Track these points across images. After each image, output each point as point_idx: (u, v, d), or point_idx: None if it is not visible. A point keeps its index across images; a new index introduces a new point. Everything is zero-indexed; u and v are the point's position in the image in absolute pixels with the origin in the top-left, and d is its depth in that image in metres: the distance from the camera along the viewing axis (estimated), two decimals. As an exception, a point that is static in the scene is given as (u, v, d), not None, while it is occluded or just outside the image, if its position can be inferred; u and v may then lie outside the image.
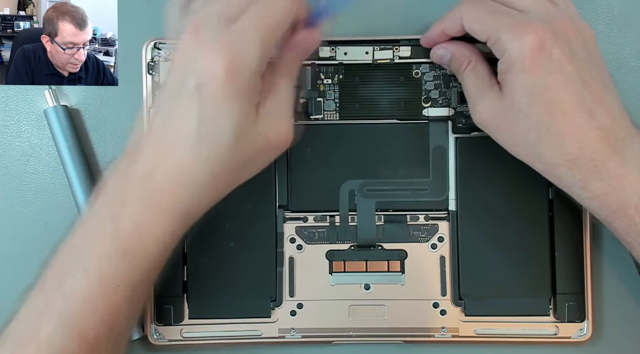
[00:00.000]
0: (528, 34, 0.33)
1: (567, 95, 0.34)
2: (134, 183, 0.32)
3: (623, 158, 0.34)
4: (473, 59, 0.37)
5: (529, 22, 0.34)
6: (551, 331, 0.40)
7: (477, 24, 0.35)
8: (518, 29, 0.34)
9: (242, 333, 0.40)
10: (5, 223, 0.42)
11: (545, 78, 0.33)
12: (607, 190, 0.34)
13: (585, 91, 0.34)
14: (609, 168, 0.34)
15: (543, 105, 0.34)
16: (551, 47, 0.33)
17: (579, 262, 0.40)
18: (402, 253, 0.41)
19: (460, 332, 0.40)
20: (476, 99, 0.37)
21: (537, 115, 0.34)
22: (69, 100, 0.43)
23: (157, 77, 0.41)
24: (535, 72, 0.33)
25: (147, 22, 0.43)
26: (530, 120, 0.34)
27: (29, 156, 0.43)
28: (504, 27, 0.34)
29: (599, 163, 0.34)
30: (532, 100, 0.34)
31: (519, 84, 0.34)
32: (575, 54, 0.34)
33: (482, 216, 0.41)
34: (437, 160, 0.41)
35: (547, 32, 0.33)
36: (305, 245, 0.41)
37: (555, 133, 0.34)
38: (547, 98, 0.34)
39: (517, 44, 0.33)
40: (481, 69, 0.37)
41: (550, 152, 0.35)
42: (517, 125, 0.35)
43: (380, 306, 0.40)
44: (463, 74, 0.38)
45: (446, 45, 0.38)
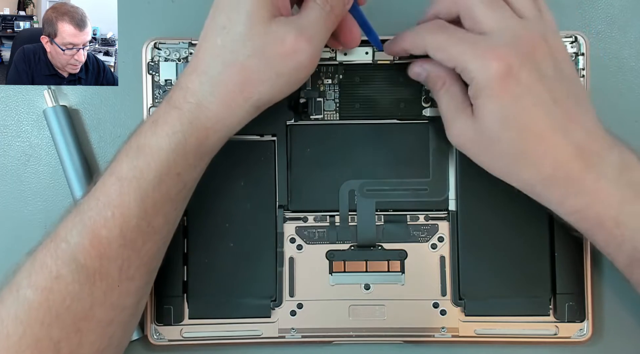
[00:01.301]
0: (493, 61, 0.33)
1: (538, 117, 0.34)
2: (176, 86, 0.35)
3: (599, 172, 0.34)
4: (447, 81, 0.37)
5: (493, 48, 0.33)
6: (551, 331, 0.40)
7: (441, 54, 0.35)
8: (482, 56, 0.33)
9: (242, 333, 0.40)
10: (5, 223, 0.42)
11: (515, 103, 0.33)
12: (585, 204, 0.34)
13: (556, 110, 0.34)
14: (584, 183, 0.34)
15: (515, 129, 0.34)
16: (518, 71, 0.33)
17: (579, 262, 0.40)
18: (402, 253, 0.41)
19: (460, 332, 0.40)
20: (451, 121, 0.37)
21: (510, 138, 0.34)
22: (68, 100, 0.43)
23: (157, 77, 0.41)
24: (504, 98, 0.33)
25: (147, 22, 0.43)
26: (503, 143, 0.34)
27: (29, 156, 0.43)
28: (469, 56, 0.34)
29: (574, 180, 0.34)
30: (504, 125, 0.34)
31: (489, 110, 0.34)
32: (543, 73, 0.34)
33: (482, 216, 0.41)
34: (437, 160, 0.41)
35: (512, 56, 0.33)
36: (305, 245, 0.41)
37: (529, 155, 0.34)
38: (518, 122, 0.34)
39: (483, 72, 0.33)
40: (455, 91, 0.36)
41: (526, 172, 0.35)
42: (491, 148, 0.35)
43: (380, 306, 0.40)
44: (438, 94, 0.37)
45: (422, 63, 0.38)
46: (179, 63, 0.41)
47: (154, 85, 0.41)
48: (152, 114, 0.35)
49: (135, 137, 0.34)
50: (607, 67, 0.43)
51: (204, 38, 0.34)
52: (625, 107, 0.43)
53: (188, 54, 0.41)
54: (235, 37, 0.33)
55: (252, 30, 0.33)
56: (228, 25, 0.33)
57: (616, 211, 0.34)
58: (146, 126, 0.34)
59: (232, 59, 0.33)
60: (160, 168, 0.33)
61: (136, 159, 0.33)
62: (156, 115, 0.34)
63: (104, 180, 0.34)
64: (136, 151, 0.33)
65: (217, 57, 0.33)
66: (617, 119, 0.36)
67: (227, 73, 0.33)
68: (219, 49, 0.33)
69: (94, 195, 0.34)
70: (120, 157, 0.34)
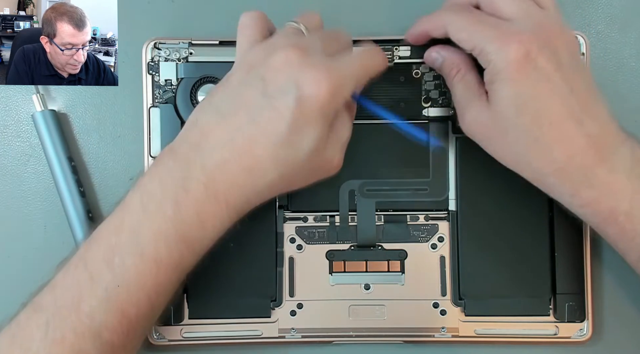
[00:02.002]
0: (512, 44, 0.33)
1: (554, 104, 0.34)
2: (199, 170, 0.33)
3: (612, 164, 0.34)
4: (462, 68, 0.37)
5: (513, 32, 0.34)
6: (551, 331, 0.40)
7: (462, 33, 0.35)
8: (502, 39, 0.33)
9: (242, 333, 0.40)
10: (5, 223, 0.42)
11: (531, 88, 0.33)
12: (597, 197, 0.34)
13: (572, 99, 0.34)
14: (598, 175, 0.34)
15: (530, 115, 0.34)
16: (536, 56, 0.33)
17: (578, 262, 0.40)
18: (402, 253, 0.41)
19: (460, 332, 0.40)
20: (464, 108, 0.36)
21: (525, 124, 0.34)
22: (68, 101, 0.43)
23: (157, 77, 0.41)
24: (521, 82, 0.33)
25: (147, 22, 0.43)
26: (517, 129, 0.34)
27: (29, 156, 0.43)
28: (489, 38, 0.34)
29: (588, 171, 0.34)
30: (519, 110, 0.34)
31: (505, 94, 0.34)
32: (561, 62, 0.34)
33: (482, 216, 0.41)
34: (437, 160, 0.41)
35: (532, 41, 0.33)
36: (305, 245, 0.41)
37: (543, 142, 0.34)
38: (534, 107, 0.34)
39: (501, 55, 0.33)
40: (470, 78, 0.36)
41: (539, 161, 0.35)
42: (505, 135, 0.35)
43: (380, 306, 0.40)
44: (452, 82, 0.37)
45: (439, 49, 0.38)
46: (178, 64, 0.41)
47: (154, 85, 0.41)
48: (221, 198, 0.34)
49: (177, 223, 0.33)
50: (607, 67, 0.43)
51: (263, 140, 0.33)
52: (625, 107, 0.43)
53: (188, 54, 0.41)
54: (296, 162, 0.33)
55: (311, 161, 0.34)
56: (291, 150, 0.33)
57: (629, 205, 0.34)
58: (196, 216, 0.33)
59: (287, 174, 0.34)
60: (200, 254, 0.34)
61: (179, 250, 0.33)
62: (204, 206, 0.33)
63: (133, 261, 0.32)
64: (182, 242, 0.33)
65: (276, 168, 0.33)
66: (617, 119, 0.36)
67: (277, 185, 0.34)
68: (281, 161, 0.33)
69: (123, 276, 0.32)
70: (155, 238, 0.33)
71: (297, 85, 0.32)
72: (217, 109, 0.34)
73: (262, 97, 0.33)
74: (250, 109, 0.33)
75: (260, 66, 0.33)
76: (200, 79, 0.40)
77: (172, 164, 0.33)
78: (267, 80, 0.33)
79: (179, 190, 0.33)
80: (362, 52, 0.36)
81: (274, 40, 0.35)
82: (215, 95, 0.35)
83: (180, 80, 0.41)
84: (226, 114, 0.33)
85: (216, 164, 0.33)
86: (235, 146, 0.33)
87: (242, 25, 0.36)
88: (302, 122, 0.32)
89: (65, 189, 0.41)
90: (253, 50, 0.35)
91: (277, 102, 0.32)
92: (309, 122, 0.32)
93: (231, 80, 0.35)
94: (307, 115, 0.32)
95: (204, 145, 0.33)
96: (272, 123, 0.32)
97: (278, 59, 0.33)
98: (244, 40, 0.36)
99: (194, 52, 0.41)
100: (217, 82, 0.40)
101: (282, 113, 0.32)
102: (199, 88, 0.40)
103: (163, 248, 0.33)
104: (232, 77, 0.35)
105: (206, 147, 0.33)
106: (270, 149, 0.33)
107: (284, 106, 0.32)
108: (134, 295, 0.32)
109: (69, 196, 0.41)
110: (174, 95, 0.41)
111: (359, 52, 0.36)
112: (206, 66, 0.41)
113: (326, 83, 0.32)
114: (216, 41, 0.41)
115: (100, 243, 0.33)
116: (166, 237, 0.33)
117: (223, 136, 0.33)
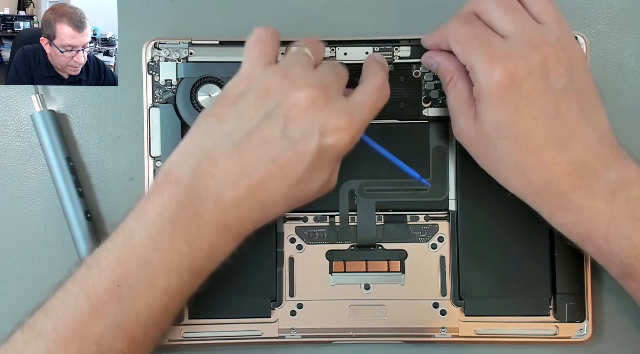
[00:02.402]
0: (498, 68, 0.33)
1: (535, 130, 0.33)
2: (212, 204, 0.33)
3: (591, 191, 0.34)
4: (455, 76, 0.36)
5: (502, 54, 0.33)
6: (551, 331, 0.40)
7: (457, 47, 0.35)
8: (490, 61, 0.33)
9: (242, 333, 0.40)
10: (5, 223, 0.42)
11: (513, 114, 0.33)
12: (573, 220, 0.35)
13: (558, 124, 0.34)
14: (574, 201, 0.34)
15: (510, 139, 0.34)
16: (521, 81, 0.33)
17: (578, 262, 0.40)
18: (402, 253, 0.41)
19: (460, 332, 0.40)
20: (455, 116, 0.37)
21: (504, 147, 0.34)
22: (68, 101, 0.43)
23: (157, 77, 0.41)
24: (502, 108, 0.33)
25: (147, 22, 0.43)
26: (498, 151, 0.34)
27: (29, 156, 0.43)
28: (479, 56, 0.34)
29: (564, 197, 0.34)
30: (499, 133, 0.34)
31: (487, 116, 0.34)
32: (551, 84, 0.33)
33: (482, 216, 0.41)
34: (437, 160, 0.41)
35: (519, 66, 0.33)
36: (305, 245, 0.41)
37: (521, 166, 0.34)
38: (514, 132, 0.34)
39: (487, 77, 0.33)
40: (462, 87, 0.36)
41: (517, 183, 0.35)
42: (487, 153, 0.35)
43: (380, 306, 0.40)
44: (447, 88, 0.37)
45: (434, 55, 0.38)
46: (178, 64, 0.41)
47: (154, 85, 0.41)
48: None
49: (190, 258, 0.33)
50: (607, 67, 0.43)
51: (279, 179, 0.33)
52: (625, 107, 0.43)
53: (188, 54, 0.41)
54: (306, 196, 0.35)
55: (318, 193, 0.35)
56: (304, 186, 0.34)
57: (605, 229, 0.34)
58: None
59: (294, 205, 0.35)
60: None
61: (190, 279, 0.34)
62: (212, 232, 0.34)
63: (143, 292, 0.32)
64: (194, 273, 0.34)
65: (286, 202, 0.34)
66: (617, 119, 0.36)
67: (283, 213, 0.36)
68: (292, 197, 0.34)
69: (132, 306, 0.32)
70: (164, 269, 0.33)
71: (320, 132, 0.32)
72: (231, 140, 0.33)
73: (282, 137, 0.33)
74: (269, 148, 0.33)
75: (280, 99, 0.33)
76: (200, 79, 0.40)
77: (180, 196, 0.33)
78: (289, 120, 0.33)
79: (192, 226, 0.33)
80: (374, 89, 0.36)
81: (291, 68, 0.34)
82: (226, 120, 0.34)
83: (180, 80, 0.41)
84: (243, 149, 0.33)
85: (231, 200, 0.33)
86: (251, 182, 0.33)
87: (258, 40, 0.35)
88: (319, 165, 0.33)
89: (64, 189, 0.41)
90: (269, 73, 0.34)
91: (299, 146, 0.32)
92: (325, 164, 0.34)
93: (243, 102, 0.34)
94: (326, 159, 0.33)
95: (216, 177, 0.33)
96: (291, 164, 0.33)
97: (301, 98, 0.33)
98: (257, 55, 0.35)
99: (194, 52, 0.41)
100: (217, 81, 0.40)
101: (303, 156, 0.33)
102: (199, 88, 0.40)
103: (174, 279, 0.33)
104: (244, 98, 0.34)
105: (218, 179, 0.33)
106: (285, 187, 0.33)
107: (306, 150, 0.33)
108: (142, 321, 0.33)
109: (68, 197, 0.41)
110: (174, 95, 0.41)
111: (372, 88, 0.36)
112: (206, 66, 0.40)
113: (348, 132, 0.33)
114: (216, 41, 0.41)
115: (102, 274, 0.32)
116: (178, 270, 0.33)
117: (238, 170, 0.33)
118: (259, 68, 0.35)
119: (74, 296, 0.32)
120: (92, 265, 0.33)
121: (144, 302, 0.32)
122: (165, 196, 0.33)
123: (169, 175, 0.33)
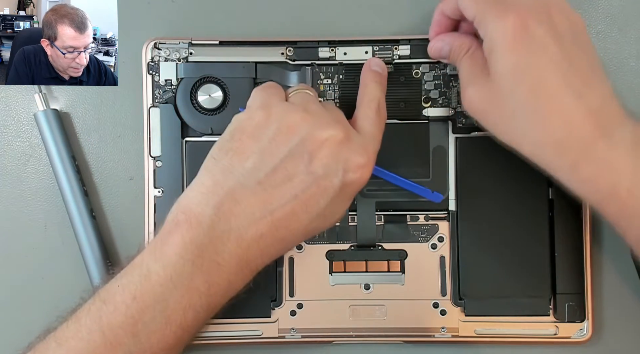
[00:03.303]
0: (510, 13, 0.33)
1: (552, 75, 0.33)
2: (234, 243, 0.33)
3: (613, 140, 0.33)
4: (473, 45, 0.37)
5: (514, 4, 0.34)
6: (551, 331, 0.40)
7: (467, 1, 0.35)
8: (502, 9, 0.34)
9: (242, 333, 0.40)
10: (5, 223, 0.42)
11: (529, 57, 0.33)
12: (598, 172, 0.33)
13: (571, 72, 0.33)
14: (597, 149, 0.33)
15: (527, 85, 0.33)
16: (535, 27, 0.33)
17: (578, 262, 0.40)
18: (402, 253, 0.41)
19: (460, 332, 0.40)
20: (468, 83, 0.36)
21: (522, 95, 0.33)
22: (68, 101, 0.43)
23: (157, 77, 0.41)
24: (517, 51, 0.33)
25: (147, 22, 0.43)
26: (515, 100, 0.34)
27: (29, 156, 0.43)
28: (489, 7, 0.34)
29: (587, 144, 0.33)
30: (516, 80, 0.33)
31: (502, 64, 0.34)
32: (561, 36, 0.34)
33: (482, 216, 0.41)
34: (437, 160, 0.41)
35: (531, 13, 0.33)
36: (305, 245, 0.41)
37: (541, 113, 0.33)
38: (531, 77, 0.33)
39: (499, 23, 0.33)
40: (479, 55, 0.36)
41: (537, 132, 0.34)
42: (503, 107, 0.34)
43: (380, 306, 0.40)
44: (462, 60, 0.37)
45: (443, 37, 0.38)
46: (178, 64, 0.41)
47: (154, 85, 0.41)
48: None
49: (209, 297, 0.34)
50: (607, 67, 0.43)
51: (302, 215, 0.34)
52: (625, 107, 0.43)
53: (188, 54, 0.41)
54: (323, 228, 0.36)
55: (335, 223, 0.37)
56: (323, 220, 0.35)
57: (630, 182, 0.32)
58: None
59: (310, 236, 0.36)
60: None
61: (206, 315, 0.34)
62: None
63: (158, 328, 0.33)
64: (211, 309, 0.34)
65: (304, 235, 0.35)
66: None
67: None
68: (311, 230, 0.35)
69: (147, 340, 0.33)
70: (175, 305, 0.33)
71: (344, 169, 0.34)
72: (255, 177, 0.33)
73: (307, 173, 0.33)
74: (294, 185, 0.33)
75: (304, 136, 0.33)
76: (200, 79, 0.40)
77: (202, 238, 0.33)
78: (314, 156, 0.33)
79: (212, 265, 0.33)
80: (376, 117, 0.37)
81: (308, 105, 0.35)
82: (248, 157, 0.34)
83: (180, 80, 0.41)
84: (267, 186, 0.33)
85: (253, 237, 0.33)
86: (274, 219, 0.33)
87: (268, 83, 0.38)
88: (339, 200, 0.34)
89: (68, 188, 0.41)
90: (290, 109, 0.34)
91: (324, 182, 0.33)
92: (345, 199, 0.35)
93: (265, 138, 0.34)
94: (347, 194, 0.35)
95: (238, 215, 0.33)
96: (314, 199, 0.34)
97: (326, 135, 0.34)
98: (271, 92, 0.36)
99: (194, 52, 0.41)
100: (217, 82, 0.40)
101: (326, 191, 0.34)
102: (199, 89, 0.40)
103: (191, 315, 0.33)
104: (264, 133, 0.34)
105: (241, 217, 0.33)
106: (305, 221, 0.34)
107: (330, 186, 0.34)
108: (157, 353, 0.33)
109: (72, 196, 0.41)
110: (174, 95, 0.41)
111: (374, 115, 0.37)
112: (206, 66, 0.41)
113: (368, 169, 0.35)
114: (216, 41, 0.41)
115: (118, 310, 0.32)
116: (195, 307, 0.33)
117: (262, 208, 0.33)
118: (276, 103, 0.35)
119: (87, 328, 0.32)
120: (106, 300, 0.33)
121: (159, 336, 0.33)
122: (186, 237, 0.33)
123: (188, 214, 0.33)
